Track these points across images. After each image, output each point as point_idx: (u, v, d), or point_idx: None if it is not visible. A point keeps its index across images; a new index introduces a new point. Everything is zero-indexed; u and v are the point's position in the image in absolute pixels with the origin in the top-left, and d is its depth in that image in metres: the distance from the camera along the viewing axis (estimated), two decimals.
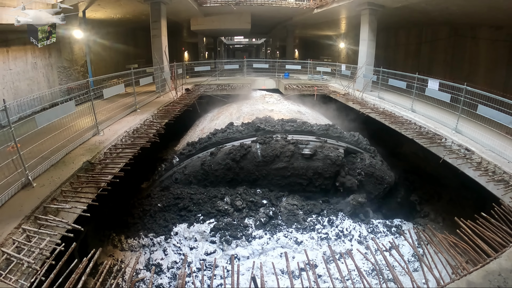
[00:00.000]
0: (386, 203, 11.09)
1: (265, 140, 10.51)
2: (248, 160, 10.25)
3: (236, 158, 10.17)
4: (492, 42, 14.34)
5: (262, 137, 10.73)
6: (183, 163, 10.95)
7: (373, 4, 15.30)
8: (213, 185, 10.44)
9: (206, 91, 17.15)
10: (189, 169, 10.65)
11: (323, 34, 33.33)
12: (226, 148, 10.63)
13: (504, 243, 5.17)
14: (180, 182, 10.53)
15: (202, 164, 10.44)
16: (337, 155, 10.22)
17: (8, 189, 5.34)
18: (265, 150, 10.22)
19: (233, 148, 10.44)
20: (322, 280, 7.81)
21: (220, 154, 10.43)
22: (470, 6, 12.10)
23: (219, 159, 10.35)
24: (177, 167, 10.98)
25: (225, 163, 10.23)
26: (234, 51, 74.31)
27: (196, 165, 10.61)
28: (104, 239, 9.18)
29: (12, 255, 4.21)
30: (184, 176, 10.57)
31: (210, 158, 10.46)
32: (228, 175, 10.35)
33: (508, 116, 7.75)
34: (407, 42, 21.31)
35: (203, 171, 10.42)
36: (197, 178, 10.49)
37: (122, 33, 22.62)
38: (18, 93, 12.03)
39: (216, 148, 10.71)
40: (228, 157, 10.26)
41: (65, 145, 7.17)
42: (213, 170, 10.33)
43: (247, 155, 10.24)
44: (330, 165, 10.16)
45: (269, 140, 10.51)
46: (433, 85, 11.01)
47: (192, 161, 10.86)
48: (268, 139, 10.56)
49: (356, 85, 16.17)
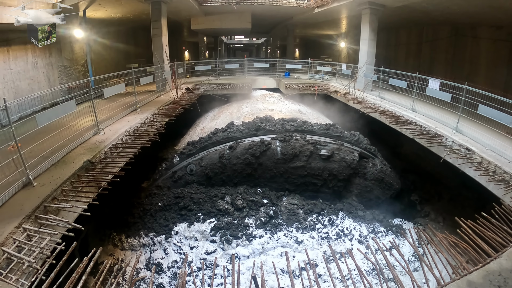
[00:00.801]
0: (387, 203, 11.10)
1: (285, 138, 10.54)
2: (267, 156, 10.30)
3: (256, 154, 10.22)
4: (493, 42, 14.32)
5: (282, 135, 10.73)
6: (198, 155, 10.93)
7: (374, 4, 15.29)
8: (229, 179, 10.50)
9: (206, 91, 17.15)
10: (205, 161, 10.63)
11: (323, 34, 33.29)
12: (245, 143, 10.64)
13: (504, 243, 5.17)
14: (195, 174, 10.52)
15: (220, 157, 10.45)
16: (352, 159, 10.36)
17: (9, 189, 5.34)
18: (285, 148, 10.28)
19: (253, 144, 10.46)
20: (322, 280, 7.82)
21: (239, 149, 10.44)
22: (471, 5, 12.08)
23: (238, 153, 10.37)
24: (178, 165, 10.98)
25: (244, 158, 10.27)
26: (235, 50, 74.25)
27: (213, 158, 10.59)
28: (105, 238, 9.18)
29: (13, 254, 4.21)
30: (200, 168, 10.55)
31: (229, 152, 10.48)
32: (246, 170, 10.38)
33: (508, 116, 7.73)
34: (407, 41, 21.29)
35: (221, 164, 10.43)
36: (214, 171, 10.49)
37: (123, 32, 22.61)
38: (19, 93, 12.03)
39: (235, 142, 10.73)
40: (247, 152, 10.29)
41: (65, 145, 7.17)
42: (231, 164, 10.37)
43: (267, 151, 10.29)
44: (345, 167, 10.30)
45: (289, 138, 10.55)
46: (434, 85, 10.99)
47: (209, 153, 10.85)
48: (288, 137, 10.58)
49: (357, 84, 16.16)
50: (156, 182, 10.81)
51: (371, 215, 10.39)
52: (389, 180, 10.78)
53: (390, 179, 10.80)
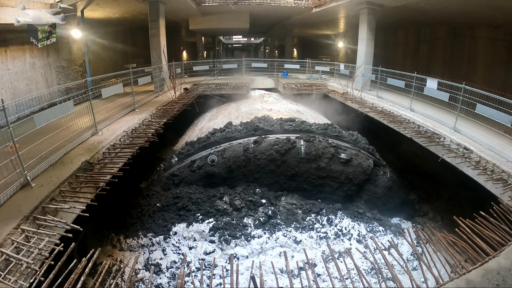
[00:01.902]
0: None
1: (309, 138, 10.64)
2: (291, 155, 10.38)
3: (281, 151, 10.29)
4: (491, 41, 14.36)
5: (306, 135, 10.84)
6: (220, 146, 10.95)
7: (371, 3, 15.30)
8: (251, 174, 10.57)
9: (204, 91, 17.13)
10: (228, 153, 10.63)
11: (321, 33, 33.32)
12: (270, 139, 10.73)
13: (503, 242, 5.19)
14: (217, 164, 10.52)
15: (245, 150, 10.49)
16: (367, 165, 10.53)
17: (7, 190, 5.33)
18: (309, 148, 10.38)
19: (278, 141, 10.54)
20: (321, 279, 7.82)
21: (265, 144, 10.52)
22: (469, 5, 12.11)
23: (263, 148, 10.44)
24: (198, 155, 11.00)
25: (269, 154, 10.34)
26: (233, 50, 74.25)
27: (237, 150, 10.61)
28: (103, 239, 9.16)
29: (11, 255, 4.20)
30: (222, 159, 10.54)
31: (253, 146, 10.54)
32: (269, 166, 10.45)
33: (506, 115, 7.76)
34: (405, 41, 21.32)
35: (245, 158, 10.47)
36: (237, 164, 10.51)
37: (121, 32, 22.56)
38: (17, 93, 11.99)
39: (260, 137, 10.81)
40: (272, 148, 10.37)
41: (63, 145, 7.15)
42: (256, 158, 10.43)
43: (291, 149, 10.37)
44: (360, 173, 10.47)
45: (313, 139, 10.64)
46: (432, 84, 11.02)
47: (231, 145, 10.87)
48: (312, 138, 10.68)
49: (355, 84, 16.18)
50: (172, 171, 10.80)
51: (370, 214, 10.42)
52: (397, 188, 11.09)
53: (397, 187, 11.11)
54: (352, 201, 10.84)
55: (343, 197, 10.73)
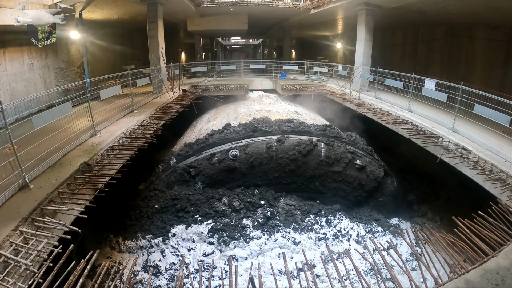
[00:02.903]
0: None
1: (330, 142, 10.80)
2: (312, 156, 10.51)
3: (303, 152, 10.40)
4: (489, 42, 14.41)
5: (326, 138, 11.00)
6: (241, 142, 11.04)
7: (369, 5, 15.34)
8: (271, 171, 10.64)
9: (203, 92, 17.12)
10: (251, 149, 10.70)
11: (320, 35, 33.36)
12: (293, 139, 10.84)
13: (501, 242, 5.19)
14: (238, 160, 10.58)
15: (268, 148, 10.58)
16: (378, 173, 10.81)
17: (5, 191, 5.30)
18: (329, 151, 10.55)
19: (301, 141, 10.66)
20: (320, 280, 7.82)
21: (288, 144, 10.62)
22: (467, 6, 12.15)
23: (286, 148, 10.55)
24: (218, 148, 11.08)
25: (292, 153, 10.45)
26: (231, 51, 74.28)
27: (260, 147, 10.70)
28: (102, 240, 9.14)
29: (10, 257, 4.18)
30: (244, 154, 10.61)
31: (276, 145, 10.64)
32: (290, 166, 10.55)
33: (504, 115, 7.78)
34: (403, 42, 21.37)
35: (267, 155, 10.56)
36: (259, 160, 10.59)
37: (119, 34, 22.54)
38: (15, 95, 11.96)
39: (283, 136, 10.91)
40: (295, 148, 10.49)
41: (62, 147, 7.12)
42: (278, 157, 10.53)
43: (312, 151, 10.50)
44: (372, 180, 10.72)
45: (333, 143, 10.82)
46: (430, 85, 11.04)
47: (254, 142, 10.97)
48: (332, 142, 10.85)
49: (353, 85, 16.18)
50: (189, 162, 10.87)
51: (369, 215, 10.44)
52: (401, 197, 11.37)
53: (402, 196, 11.42)
54: (360, 206, 11.00)
55: (353, 202, 10.92)
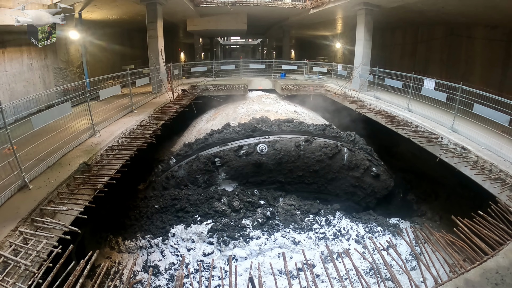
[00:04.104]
0: (384, 202, 11.19)
1: (352, 148, 11.04)
2: (336, 159, 10.70)
3: (329, 154, 10.59)
4: (488, 42, 14.42)
5: (349, 144, 11.23)
6: (269, 137, 11.14)
7: (369, 4, 15.34)
8: (296, 170, 10.72)
9: (202, 92, 17.11)
10: (279, 145, 10.79)
11: (319, 34, 33.36)
12: (319, 141, 11.03)
13: (501, 241, 5.19)
14: (266, 154, 10.66)
15: (297, 146, 10.69)
16: (390, 183, 11.24)
17: (5, 192, 5.30)
18: (351, 156, 10.78)
19: (327, 144, 10.85)
20: (320, 280, 7.82)
21: (315, 145, 10.79)
22: (466, 5, 12.16)
23: (313, 148, 10.70)
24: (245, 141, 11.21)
25: (318, 154, 10.61)
26: (231, 51, 74.26)
27: (288, 145, 10.82)
28: (101, 241, 9.14)
29: (9, 258, 4.18)
30: (273, 150, 10.71)
31: (304, 144, 10.75)
32: (315, 166, 10.68)
33: (504, 115, 7.79)
34: (403, 41, 21.38)
35: (295, 153, 10.67)
36: (286, 158, 10.68)
37: (118, 34, 22.53)
38: (14, 95, 11.94)
39: (311, 137, 11.07)
40: (322, 150, 10.63)
41: (61, 147, 7.11)
42: (305, 156, 10.65)
43: (337, 155, 10.69)
44: (384, 188, 11.05)
45: (355, 149, 11.08)
46: (429, 85, 11.05)
47: (281, 139, 11.08)
48: (354, 148, 11.12)
49: (353, 85, 16.20)
50: (214, 152, 10.95)
51: (368, 215, 10.45)
52: (407, 208, 11.53)
53: (408, 207, 11.60)
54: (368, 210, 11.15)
55: (364, 207, 11.11)
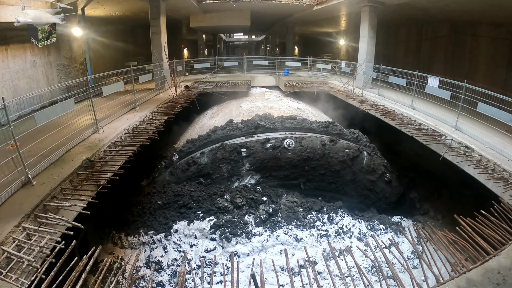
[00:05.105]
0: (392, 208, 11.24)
1: (370, 152, 11.16)
2: (356, 162, 10.79)
3: (351, 156, 10.67)
4: (493, 40, 14.31)
5: (369, 149, 11.35)
6: (295, 133, 11.22)
7: (373, 1, 15.25)
8: (320, 168, 10.77)
9: (205, 88, 17.11)
10: (306, 142, 10.85)
11: (323, 31, 33.23)
12: (342, 142, 11.08)
13: (503, 241, 5.18)
14: (293, 150, 10.74)
15: (323, 145, 10.78)
16: (400, 190, 11.50)
17: (8, 188, 5.34)
18: (369, 160, 10.90)
19: (350, 146, 10.96)
20: (321, 277, 7.83)
21: (339, 145, 10.89)
22: (470, 3, 12.06)
23: (337, 149, 10.81)
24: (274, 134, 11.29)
25: (342, 155, 10.71)
26: (234, 48, 74.11)
27: (314, 142, 10.88)
28: (104, 236, 9.18)
29: (13, 253, 4.21)
30: (300, 146, 10.78)
31: (330, 144, 10.85)
32: (337, 166, 10.74)
33: (508, 114, 7.73)
34: (407, 39, 21.25)
35: (321, 151, 10.73)
36: (312, 155, 10.72)
37: (121, 30, 22.53)
38: (17, 92, 12.00)
39: (335, 137, 11.19)
40: (344, 151, 10.73)
41: (64, 143, 7.15)
42: (329, 156, 10.73)
43: (357, 158, 10.78)
44: (394, 194, 11.28)
45: (374, 153, 11.25)
46: (433, 83, 10.99)
47: (308, 136, 11.15)
48: (373, 152, 11.27)
49: (356, 82, 16.15)
50: (239, 142, 11.01)
51: (370, 212, 10.44)
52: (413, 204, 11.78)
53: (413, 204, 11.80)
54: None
55: (374, 209, 11.07)
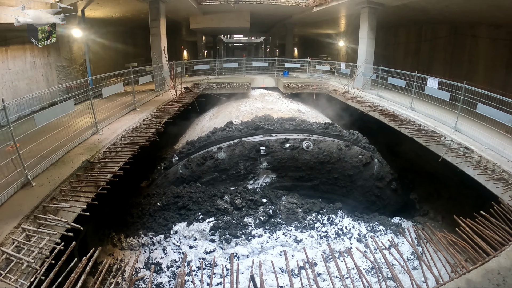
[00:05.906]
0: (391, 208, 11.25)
1: (380, 160, 11.37)
2: (368, 168, 10.95)
3: (364, 162, 10.85)
4: (492, 41, 14.32)
5: (380, 157, 11.57)
6: (312, 136, 11.35)
7: (372, 3, 15.27)
8: (334, 172, 10.91)
9: (205, 90, 17.12)
10: (323, 145, 11.00)
11: (322, 33, 33.28)
12: (356, 148, 11.23)
13: (503, 242, 5.18)
14: (310, 152, 10.86)
15: (339, 149, 10.92)
16: (404, 199, 11.77)
17: (8, 189, 5.33)
18: (379, 167, 11.12)
19: (363, 152, 11.11)
20: (321, 279, 7.83)
21: (353, 151, 11.06)
22: (470, 4, 12.08)
23: (351, 154, 10.97)
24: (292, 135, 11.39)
25: (356, 160, 10.87)
26: (234, 49, 74.14)
27: (331, 146, 11.04)
28: (104, 238, 9.17)
29: (12, 254, 4.21)
30: (317, 148, 10.91)
31: (345, 149, 10.99)
32: (350, 171, 10.90)
33: (507, 115, 7.74)
34: (406, 40, 21.27)
35: (337, 155, 10.87)
36: (328, 158, 10.87)
37: (121, 32, 22.56)
38: (17, 93, 12.00)
39: (350, 142, 11.32)
40: (358, 157, 10.90)
41: (64, 144, 7.14)
42: (344, 160, 10.87)
43: (369, 164, 10.93)
44: (400, 202, 11.46)
45: (382, 161, 11.48)
46: (433, 84, 11.00)
47: (324, 139, 11.29)
48: (382, 160, 11.49)
49: (356, 83, 16.15)
50: (259, 140, 11.11)
51: (370, 214, 10.45)
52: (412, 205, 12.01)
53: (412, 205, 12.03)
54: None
55: (377, 213, 11.17)
